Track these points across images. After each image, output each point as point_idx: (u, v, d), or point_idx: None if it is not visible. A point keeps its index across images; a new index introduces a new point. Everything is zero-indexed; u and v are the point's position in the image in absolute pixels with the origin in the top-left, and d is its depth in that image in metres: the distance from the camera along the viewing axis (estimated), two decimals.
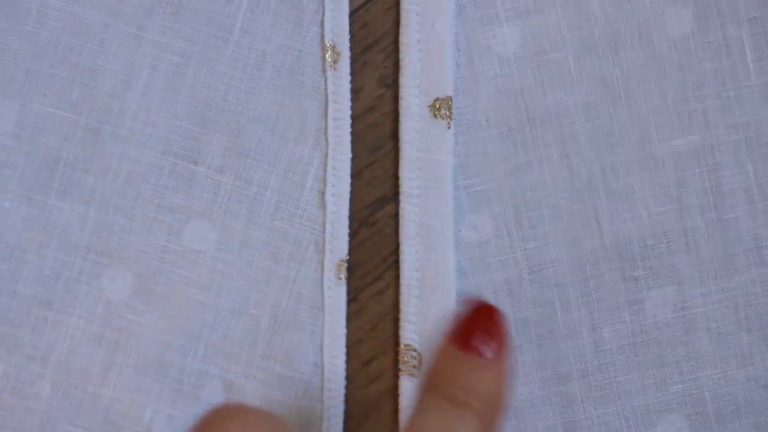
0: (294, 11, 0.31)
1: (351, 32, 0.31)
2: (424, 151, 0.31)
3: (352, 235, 0.31)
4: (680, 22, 0.31)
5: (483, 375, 0.23)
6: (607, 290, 0.30)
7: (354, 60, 0.31)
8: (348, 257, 0.30)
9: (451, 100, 0.31)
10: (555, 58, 0.31)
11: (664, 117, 0.31)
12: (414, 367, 0.30)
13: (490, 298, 0.30)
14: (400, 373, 0.30)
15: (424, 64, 0.31)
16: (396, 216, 0.31)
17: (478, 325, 0.24)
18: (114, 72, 0.31)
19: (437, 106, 0.31)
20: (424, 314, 0.30)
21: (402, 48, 0.31)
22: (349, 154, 0.31)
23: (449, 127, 0.31)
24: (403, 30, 0.31)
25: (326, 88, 0.31)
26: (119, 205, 0.30)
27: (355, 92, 0.31)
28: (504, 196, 0.31)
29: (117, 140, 0.30)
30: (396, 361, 0.30)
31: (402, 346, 0.30)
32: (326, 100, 0.31)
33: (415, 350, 0.30)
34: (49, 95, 0.31)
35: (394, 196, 0.31)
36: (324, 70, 0.31)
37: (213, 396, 0.29)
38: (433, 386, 0.24)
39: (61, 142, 0.31)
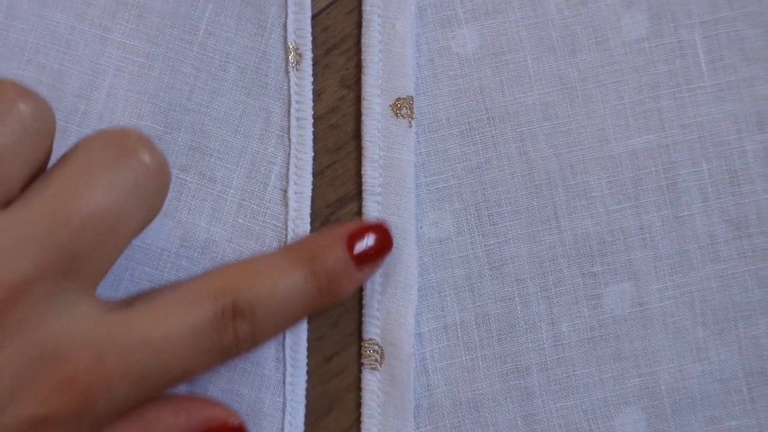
0: (257, 14, 0.32)
1: (313, 35, 0.32)
2: (386, 150, 0.31)
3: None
4: (635, 25, 0.32)
5: (352, 277, 0.27)
6: (565, 285, 0.31)
7: (316, 62, 0.32)
8: None
9: (412, 99, 0.31)
10: (513, 59, 0.32)
11: (620, 117, 0.31)
12: (376, 361, 0.30)
13: (451, 293, 0.31)
14: (362, 367, 0.30)
15: (386, 65, 0.31)
16: (358, 215, 0.31)
17: (376, 252, 0.28)
18: (80, 73, 0.31)
19: (399, 105, 0.31)
20: (386, 309, 0.30)
21: (364, 49, 0.31)
22: (311, 153, 0.31)
23: (411, 126, 0.31)
24: (364, 31, 0.32)
25: (289, 89, 0.31)
26: None
27: (318, 94, 0.32)
28: (464, 193, 0.31)
29: None
30: (358, 356, 0.31)
31: (364, 340, 0.30)
32: (289, 101, 0.31)
33: (377, 344, 0.30)
34: None
35: (356, 195, 0.31)
36: (287, 71, 0.32)
37: (175, 389, 0.29)
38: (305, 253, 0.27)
39: None
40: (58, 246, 0.23)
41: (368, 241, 0.28)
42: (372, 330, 0.30)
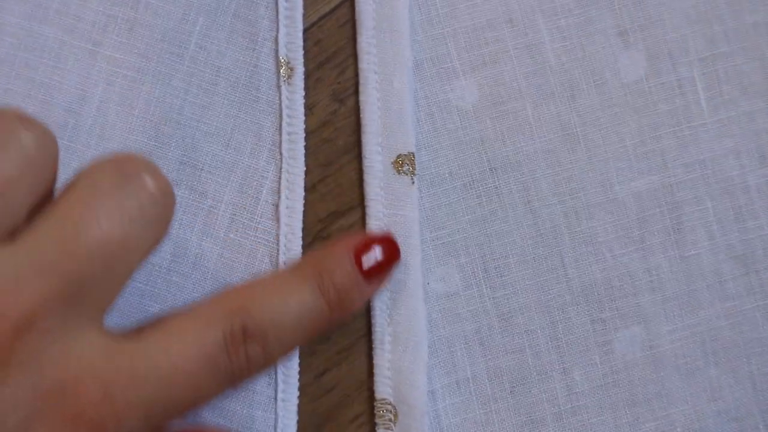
0: (248, 27, 0.31)
1: (305, 48, 0.32)
2: (389, 208, 0.31)
3: (305, 248, 0.31)
4: (633, 65, 0.32)
5: (361, 291, 0.27)
6: (576, 333, 0.31)
7: (307, 76, 0.32)
8: None
9: (413, 155, 0.31)
10: (513, 108, 0.31)
11: (622, 159, 0.31)
12: (390, 420, 0.30)
13: (462, 348, 0.31)
14: (377, 428, 0.30)
15: (385, 122, 0.31)
16: (349, 230, 0.31)
17: (384, 265, 0.28)
18: (69, 88, 0.31)
19: (400, 162, 0.31)
20: (397, 368, 0.30)
21: (362, 107, 0.31)
22: (303, 168, 0.31)
23: (413, 182, 0.31)
24: (362, 89, 0.31)
25: (280, 103, 0.31)
26: None
27: (309, 108, 0.31)
28: (470, 246, 0.31)
29: (73, 155, 0.30)
30: (349, 372, 0.31)
31: (377, 400, 0.30)
32: (280, 115, 0.31)
33: (390, 404, 0.30)
34: None
35: (348, 209, 0.31)
36: (278, 85, 0.31)
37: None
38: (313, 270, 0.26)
39: None
40: (64, 277, 0.22)
41: (376, 254, 0.28)
42: (384, 389, 0.30)
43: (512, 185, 0.31)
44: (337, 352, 0.31)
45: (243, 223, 0.31)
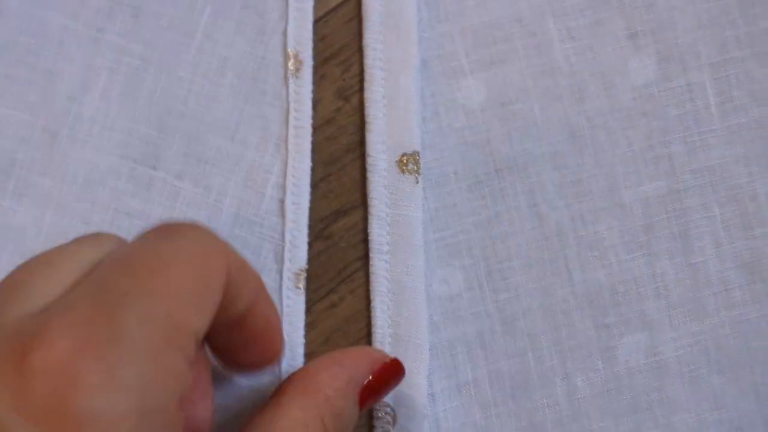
0: (257, 19, 0.31)
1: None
2: (393, 207, 0.30)
3: (307, 247, 0.30)
4: (643, 69, 0.31)
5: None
6: (579, 339, 0.30)
7: (312, 72, 0.31)
8: (307, 267, 0.30)
9: (418, 154, 0.30)
10: (521, 109, 0.31)
11: (630, 164, 0.31)
12: (389, 423, 0.29)
13: (463, 351, 0.30)
14: (374, 429, 0.30)
15: (390, 120, 0.31)
16: (352, 229, 0.31)
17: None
18: (72, 75, 0.30)
19: (405, 161, 0.30)
20: None
21: (367, 104, 0.31)
22: (309, 163, 0.30)
23: (417, 182, 0.30)
24: (367, 86, 0.31)
25: (288, 97, 0.31)
26: (76, 210, 0.30)
27: (313, 105, 0.31)
28: (474, 248, 0.31)
29: (74, 143, 0.30)
30: None
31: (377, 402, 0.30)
32: (288, 109, 0.31)
33: (389, 406, 0.30)
34: (6, 96, 0.30)
35: (351, 209, 0.31)
36: (286, 79, 0.31)
37: None
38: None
39: (18, 144, 0.30)
40: None
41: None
42: None
43: (518, 187, 0.31)
44: (329, 325, 0.30)
45: (248, 219, 0.30)
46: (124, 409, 0.18)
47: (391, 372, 0.27)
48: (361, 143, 0.31)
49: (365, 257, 0.30)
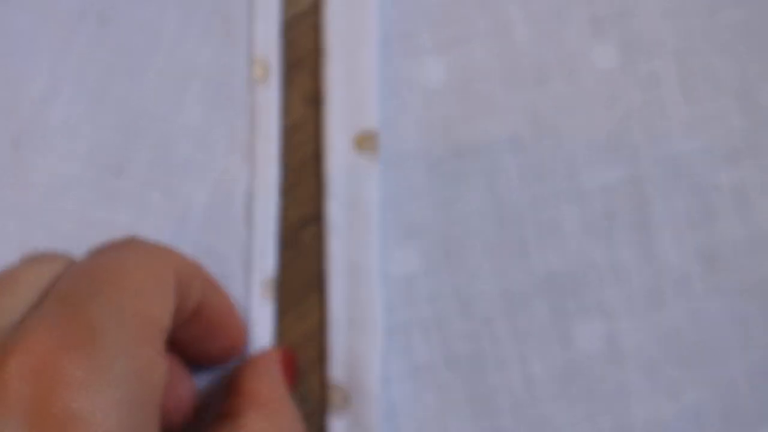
0: (224, 24, 0.31)
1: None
2: (349, 186, 0.30)
3: (277, 255, 0.30)
4: (607, 54, 0.31)
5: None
6: (536, 323, 0.30)
7: (280, 78, 0.31)
8: (275, 275, 0.30)
9: (376, 133, 0.30)
10: (482, 90, 0.31)
11: (592, 150, 0.31)
12: (341, 407, 0.29)
13: (419, 333, 0.30)
14: (329, 412, 0.29)
15: (349, 98, 0.30)
16: (318, 238, 0.30)
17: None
18: (37, 81, 0.30)
19: (362, 139, 0.30)
20: (351, 351, 0.29)
21: (326, 81, 0.30)
22: (277, 170, 0.30)
23: (375, 161, 0.30)
24: (326, 63, 0.30)
25: (255, 103, 0.30)
26: (40, 220, 0.29)
27: (281, 110, 0.31)
28: (432, 229, 0.30)
29: (37, 151, 0.30)
30: (320, 383, 0.30)
31: (330, 385, 0.29)
32: (255, 115, 0.30)
33: (342, 388, 0.29)
34: None
35: (318, 216, 0.30)
36: (252, 85, 0.30)
37: None
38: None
39: None
40: None
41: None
42: (338, 374, 0.29)
43: (477, 168, 0.30)
44: (305, 364, 0.30)
45: (215, 227, 0.30)
46: (107, 405, 0.19)
47: (287, 361, 0.29)
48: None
49: None
